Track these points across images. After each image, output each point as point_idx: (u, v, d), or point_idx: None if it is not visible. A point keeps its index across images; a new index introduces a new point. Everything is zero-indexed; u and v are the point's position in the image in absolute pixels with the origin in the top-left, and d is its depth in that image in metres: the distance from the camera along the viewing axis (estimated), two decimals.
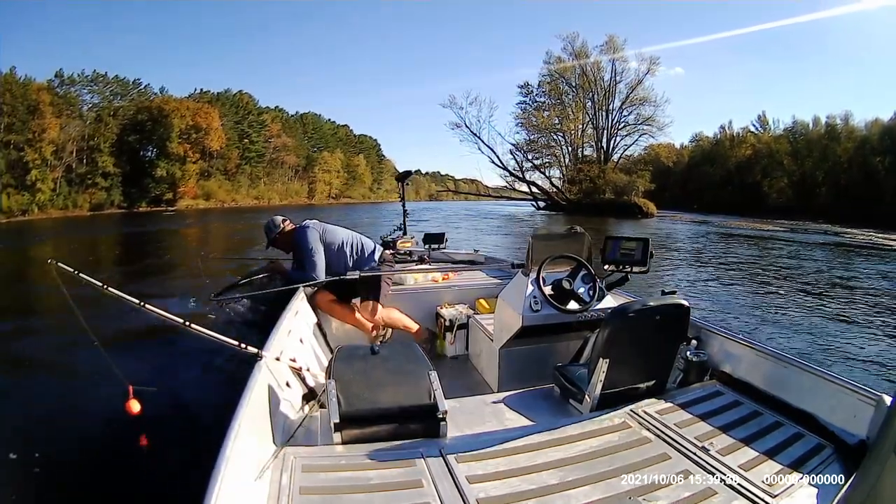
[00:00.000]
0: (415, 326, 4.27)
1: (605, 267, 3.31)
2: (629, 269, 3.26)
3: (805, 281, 12.13)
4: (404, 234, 6.26)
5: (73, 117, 48.63)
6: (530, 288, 3.13)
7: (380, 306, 4.09)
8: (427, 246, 6.05)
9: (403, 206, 6.46)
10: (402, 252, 5.76)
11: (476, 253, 6.10)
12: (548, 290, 3.14)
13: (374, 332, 4.13)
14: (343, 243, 4.18)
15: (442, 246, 6.12)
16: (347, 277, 3.92)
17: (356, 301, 4.17)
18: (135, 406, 2.19)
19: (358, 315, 4.12)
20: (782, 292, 10.59)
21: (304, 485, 1.71)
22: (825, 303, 9.64)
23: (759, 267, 14.63)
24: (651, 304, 2.34)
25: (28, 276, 12.62)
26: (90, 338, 2.58)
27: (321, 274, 3.98)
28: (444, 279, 4.79)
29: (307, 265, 4.00)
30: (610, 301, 3.24)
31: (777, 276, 12.94)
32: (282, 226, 4.29)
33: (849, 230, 31.05)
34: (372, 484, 1.73)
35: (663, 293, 2.44)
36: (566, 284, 3.17)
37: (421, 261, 5.66)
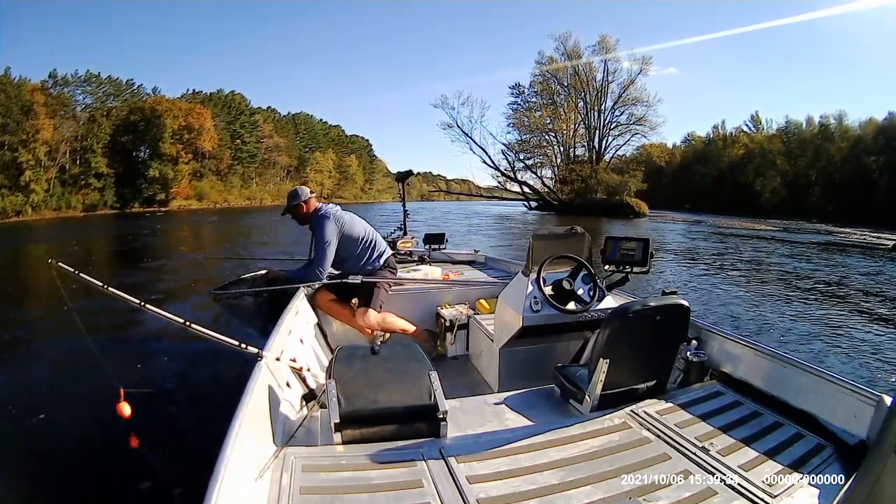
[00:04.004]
0: (412, 328, 4.20)
1: (606, 267, 3.31)
2: (629, 270, 3.26)
3: (800, 280, 12.20)
4: (404, 234, 6.24)
5: (66, 118, 48.45)
6: (530, 288, 3.12)
7: (372, 312, 4.00)
8: (427, 246, 6.04)
9: (404, 206, 6.41)
10: (402, 252, 5.74)
11: (476, 253, 6.10)
12: (548, 290, 3.14)
13: (373, 333, 4.09)
14: (359, 239, 4.11)
15: (442, 246, 6.11)
16: (349, 281, 3.90)
17: (356, 301, 4.14)
18: (125, 409, 2.16)
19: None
20: (778, 292, 10.65)
21: (304, 485, 1.70)
22: (821, 302, 9.70)
23: (754, 266, 14.71)
24: (651, 304, 2.34)
25: (25, 277, 12.55)
26: (88, 339, 2.58)
27: (326, 268, 3.94)
28: (444, 279, 4.78)
29: (316, 256, 3.95)
30: (610, 301, 3.24)
31: (772, 275, 13.00)
32: (308, 198, 4.18)
33: (842, 229, 31.30)
34: (372, 484, 1.73)
35: (663, 293, 2.44)
36: (566, 285, 3.16)
37: (421, 261, 5.67)
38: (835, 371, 2.35)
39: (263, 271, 4.45)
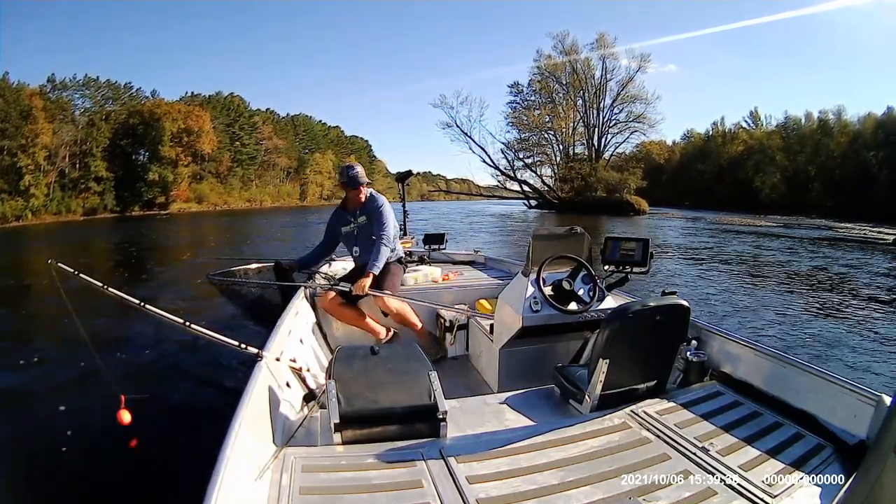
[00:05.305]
0: (419, 324, 4.16)
1: (605, 267, 3.31)
2: (629, 270, 3.26)
3: (800, 277, 12.19)
4: (404, 234, 6.21)
5: (65, 122, 48.49)
6: (530, 288, 3.12)
7: (393, 299, 3.96)
8: (427, 246, 6.03)
9: (404, 206, 6.40)
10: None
11: (476, 253, 6.08)
12: (548, 290, 3.14)
13: (387, 335, 4.08)
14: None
15: (442, 246, 6.10)
16: (340, 287, 3.87)
17: (363, 302, 4.07)
18: (125, 416, 2.16)
19: (368, 319, 4.05)
20: (778, 289, 10.64)
21: (304, 485, 1.71)
22: (821, 299, 9.68)
23: (754, 263, 14.70)
24: (651, 304, 2.34)
25: (25, 279, 12.54)
26: (87, 342, 2.57)
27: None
28: (444, 279, 4.78)
29: (391, 235, 4.11)
30: (610, 301, 3.24)
31: (772, 272, 12.99)
32: (365, 179, 4.24)
33: (842, 224, 31.30)
34: (372, 484, 1.73)
35: (663, 293, 2.43)
36: (566, 285, 3.16)
37: (421, 261, 5.63)
38: (835, 370, 2.35)
39: (271, 263, 4.42)
